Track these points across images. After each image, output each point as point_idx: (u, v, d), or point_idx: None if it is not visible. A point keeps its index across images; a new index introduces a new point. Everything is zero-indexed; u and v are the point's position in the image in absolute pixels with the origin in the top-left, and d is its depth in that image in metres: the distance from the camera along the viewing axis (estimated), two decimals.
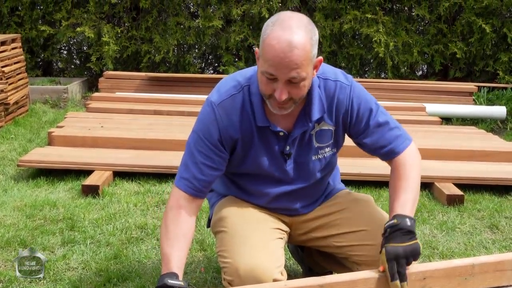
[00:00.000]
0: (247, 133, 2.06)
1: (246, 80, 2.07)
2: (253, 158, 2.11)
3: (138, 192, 3.85)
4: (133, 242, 3.10)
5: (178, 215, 2.04)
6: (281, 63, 1.82)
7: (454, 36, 7.44)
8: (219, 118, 2.04)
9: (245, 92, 2.05)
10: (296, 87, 1.88)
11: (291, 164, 2.14)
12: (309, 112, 2.04)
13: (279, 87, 1.87)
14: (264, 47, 1.85)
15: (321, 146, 2.14)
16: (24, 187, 3.90)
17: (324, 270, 2.55)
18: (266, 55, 1.84)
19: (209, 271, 2.79)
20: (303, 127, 2.07)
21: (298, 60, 1.82)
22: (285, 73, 1.83)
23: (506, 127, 6.35)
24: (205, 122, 2.06)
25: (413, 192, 2.03)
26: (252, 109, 2.04)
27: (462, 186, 3.97)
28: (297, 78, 1.85)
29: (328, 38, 7.41)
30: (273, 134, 2.07)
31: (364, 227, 2.17)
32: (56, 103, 6.86)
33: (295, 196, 2.22)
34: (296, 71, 1.83)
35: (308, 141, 2.11)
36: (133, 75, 7.06)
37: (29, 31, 7.65)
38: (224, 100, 2.04)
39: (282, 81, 1.85)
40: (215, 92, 2.09)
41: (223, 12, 7.44)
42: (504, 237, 3.32)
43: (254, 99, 2.03)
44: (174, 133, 4.73)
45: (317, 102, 2.04)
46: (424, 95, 6.77)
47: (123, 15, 7.69)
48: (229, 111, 2.04)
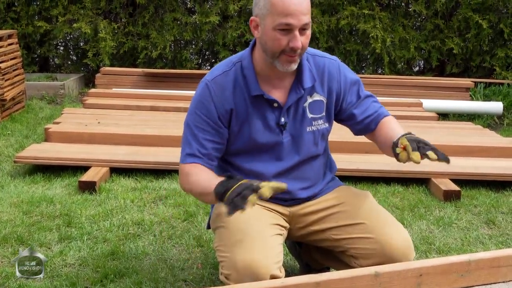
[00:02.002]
0: (241, 105, 2.15)
1: (237, 58, 2.21)
2: (249, 131, 2.17)
3: (135, 188, 3.85)
4: (130, 238, 3.10)
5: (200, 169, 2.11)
6: (297, 10, 1.98)
7: (451, 32, 7.45)
8: (213, 93, 2.14)
9: (237, 68, 2.17)
10: (305, 36, 2.03)
11: (288, 137, 2.19)
12: (301, 80, 2.17)
13: (295, 35, 2.01)
14: (273, 3, 1.99)
15: (315, 117, 2.22)
16: (21, 183, 3.90)
17: (321, 267, 2.56)
18: (279, 8, 1.98)
19: (206, 267, 2.79)
20: (296, 95, 2.17)
21: (308, 7, 2.02)
22: (301, 19, 1.99)
23: (503, 122, 6.36)
24: (201, 99, 2.16)
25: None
26: (245, 82, 2.15)
27: (459, 181, 3.98)
28: (308, 24, 2.02)
29: (325, 33, 7.40)
30: (268, 105, 2.16)
31: (363, 220, 2.18)
32: (53, 99, 6.85)
33: (293, 176, 2.24)
34: (307, 16, 2.01)
35: (302, 113, 2.20)
36: (130, 71, 7.04)
37: (25, 27, 7.63)
38: (216, 76, 2.17)
39: (297, 28, 2.00)
40: (209, 72, 2.22)
41: (220, 8, 7.43)
42: (501, 232, 3.32)
43: (246, 72, 2.15)
44: (171, 129, 4.73)
45: (307, 72, 2.18)
46: (421, 91, 6.78)
47: (120, 11, 7.68)
48: (222, 85, 2.15)
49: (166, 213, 3.45)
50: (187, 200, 3.61)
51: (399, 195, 3.86)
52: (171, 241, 3.10)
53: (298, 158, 2.23)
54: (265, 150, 2.20)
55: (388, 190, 3.93)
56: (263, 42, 2.08)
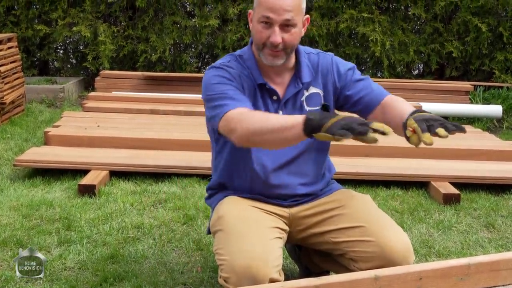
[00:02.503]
0: (251, 88, 2.21)
1: (238, 52, 2.29)
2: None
3: (135, 192, 3.85)
4: (130, 242, 3.10)
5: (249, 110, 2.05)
6: (278, 5, 2.04)
7: (450, 35, 7.46)
8: (228, 70, 2.18)
9: (239, 60, 2.25)
10: (288, 33, 2.09)
11: None
12: (300, 75, 2.23)
13: (274, 31, 2.07)
14: None
15: (312, 110, 2.25)
16: (20, 187, 3.90)
17: (321, 270, 2.55)
18: (263, 1, 2.07)
19: (206, 270, 2.79)
20: (294, 89, 2.23)
21: (292, 4, 2.06)
22: (280, 14, 2.05)
23: (502, 126, 6.37)
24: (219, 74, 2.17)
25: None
26: (249, 72, 2.21)
27: (459, 185, 3.98)
28: (290, 21, 2.06)
29: (325, 37, 7.41)
30: (268, 96, 2.22)
31: (362, 223, 2.18)
32: (53, 102, 6.85)
33: (293, 170, 2.26)
34: (290, 14, 2.05)
35: (300, 107, 2.25)
36: (130, 75, 7.05)
37: (25, 30, 7.64)
38: (223, 62, 2.23)
39: (277, 24, 2.06)
40: (212, 64, 2.25)
41: (219, 11, 7.44)
42: (501, 236, 3.32)
43: (248, 63, 2.22)
44: (171, 133, 4.73)
45: (306, 67, 2.25)
46: (421, 94, 6.79)
47: (120, 14, 7.69)
48: (231, 68, 2.20)
49: (166, 217, 3.45)
50: (186, 204, 3.61)
51: (398, 198, 3.86)
52: (171, 244, 3.09)
53: (296, 150, 2.25)
54: None
55: (387, 193, 3.93)
56: (252, 34, 2.18)
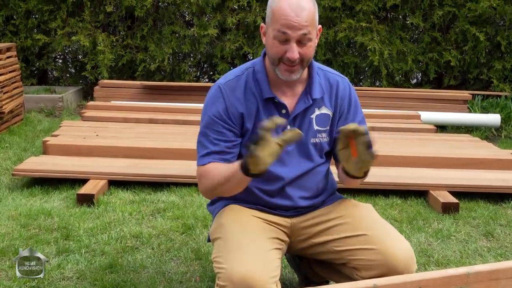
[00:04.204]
0: (252, 108, 2.21)
1: (250, 64, 2.28)
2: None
3: (133, 201, 3.85)
4: (128, 251, 3.09)
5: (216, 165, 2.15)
6: (293, 22, 2.03)
7: (448, 44, 7.48)
8: (225, 95, 2.21)
9: (249, 73, 2.24)
10: (304, 48, 2.08)
11: (292, 145, 2.20)
12: (310, 91, 2.22)
13: (291, 46, 2.06)
14: (275, 12, 2.07)
15: (320, 130, 2.27)
16: (19, 196, 3.89)
17: (321, 280, 2.54)
18: (278, 18, 2.05)
19: (204, 280, 2.78)
20: (304, 104, 2.22)
21: (308, 19, 2.05)
22: (297, 31, 2.04)
23: (501, 134, 6.37)
24: (213, 101, 2.23)
25: None
26: (257, 86, 2.21)
27: (457, 194, 3.98)
28: (307, 36, 2.06)
29: (323, 46, 7.43)
30: (277, 110, 2.21)
31: (364, 231, 2.18)
32: (51, 111, 6.85)
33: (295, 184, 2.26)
34: (307, 28, 2.05)
35: (308, 124, 2.25)
36: (128, 84, 7.06)
37: (24, 39, 7.65)
38: (229, 80, 2.25)
39: (294, 40, 2.05)
40: (221, 78, 2.30)
41: (218, 21, 7.46)
42: (500, 245, 3.32)
43: (259, 76, 2.22)
44: (169, 142, 4.73)
45: (317, 84, 2.24)
46: (419, 103, 6.80)
47: (118, 24, 7.70)
48: (234, 89, 2.22)
49: (164, 226, 3.44)
50: (185, 213, 3.60)
51: (397, 207, 3.85)
52: (169, 254, 3.09)
53: (302, 166, 2.25)
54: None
55: (386, 202, 3.93)
56: (267, 49, 2.17)
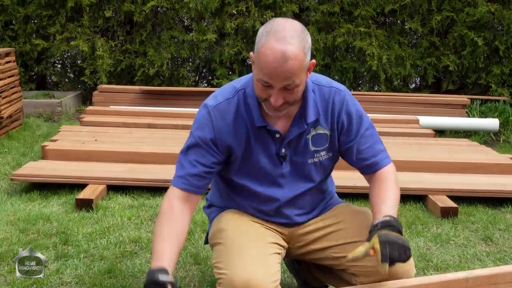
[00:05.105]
0: (242, 135, 2.10)
1: (242, 85, 2.13)
2: (252, 160, 2.14)
3: (132, 206, 3.84)
4: (127, 256, 3.09)
5: (172, 215, 2.06)
6: (275, 73, 1.88)
7: (446, 49, 7.49)
8: (214, 120, 2.09)
9: (240, 96, 2.11)
10: (290, 93, 1.94)
11: (287, 167, 2.16)
12: (305, 114, 2.10)
13: (274, 94, 1.93)
14: (259, 56, 1.91)
15: (317, 150, 2.18)
16: (17, 201, 3.89)
17: (320, 284, 2.54)
18: (261, 65, 1.90)
19: (203, 284, 2.78)
20: (298, 129, 2.12)
21: (292, 70, 1.87)
22: (280, 81, 1.89)
23: (499, 139, 6.38)
24: (201, 126, 2.11)
25: (396, 202, 2.10)
26: (248, 111, 2.09)
27: (456, 198, 3.98)
28: (291, 85, 1.91)
29: (322, 51, 7.44)
30: (270, 135, 2.12)
31: (363, 238, 2.16)
32: (50, 116, 6.85)
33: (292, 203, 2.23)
34: (291, 79, 1.89)
35: (304, 145, 2.15)
36: (127, 89, 7.06)
37: (23, 45, 7.66)
38: (219, 103, 2.11)
39: (277, 88, 1.91)
40: (211, 97, 2.16)
41: (217, 26, 7.47)
42: (498, 249, 3.32)
43: (250, 101, 2.09)
44: (168, 147, 4.73)
45: (312, 105, 2.11)
46: (417, 108, 6.80)
47: (117, 29, 7.71)
48: (224, 114, 2.09)
49: None
50: None
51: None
52: None
53: (299, 187, 2.21)
54: (269, 178, 2.18)
55: None
56: (253, 83, 2.03)
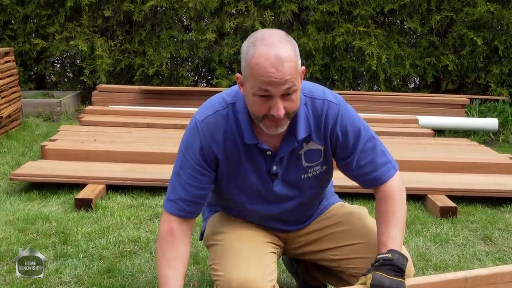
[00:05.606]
0: (232, 152, 2.02)
1: (232, 97, 2.03)
2: (241, 178, 2.07)
3: (131, 206, 3.84)
4: (126, 256, 3.09)
5: (173, 238, 2.02)
6: (274, 79, 1.78)
7: (446, 49, 7.49)
8: (201, 135, 2.00)
9: (230, 109, 2.01)
10: (290, 100, 1.84)
11: (279, 184, 2.09)
12: (295, 131, 1.99)
13: (275, 103, 1.83)
14: (251, 67, 1.81)
15: (310, 165, 2.09)
16: (17, 201, 3.89)
17: (319, 284, 2.54)
18: (257, 74, 1.80)
19: (202, 284, 2.78)
20: (289, 147, 2.02)
21: (290, 71, 1.79)
22: (280, 86, 1.80)
23: (498, 139, 6.38)
24: (189, 140, 2.03)
25: (402, 225, 2.04)
26: (238, 127, 1.99)
27: (455, 198, 3.98)
28: (292, 89, 1.82)
29: (321, 51, 7.44)
30: (260, 152, 2.03)
31: (360, 239, 2.17)
32: (49, 116, 6.85)
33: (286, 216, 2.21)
34: (291, 81, 1.80)
35: (296, 161, 2.06)
36: (126, 88, 7.06)
37: (22, 44, 7.65)
38: (208, 116, 2.01)
39: (278, 96, 1.82)
40: (199, 109, 2.06)
41: (216, 25, 7.47)
42: (498, 249, 3.32)
43: (240, 116, 1.99)
44: (168, 146, 4.73)
45: (303, 120, 2.00)
46: (417, 107, 6.81)
47: (117, 28, 7.71)
48: (212, 128, 2.00)
49: None
50: None
51: None
52: None
53: (292, 203, 2.16)
54: (260, 195, 2.12)
55: None
56: (247, 104, 1.93)
